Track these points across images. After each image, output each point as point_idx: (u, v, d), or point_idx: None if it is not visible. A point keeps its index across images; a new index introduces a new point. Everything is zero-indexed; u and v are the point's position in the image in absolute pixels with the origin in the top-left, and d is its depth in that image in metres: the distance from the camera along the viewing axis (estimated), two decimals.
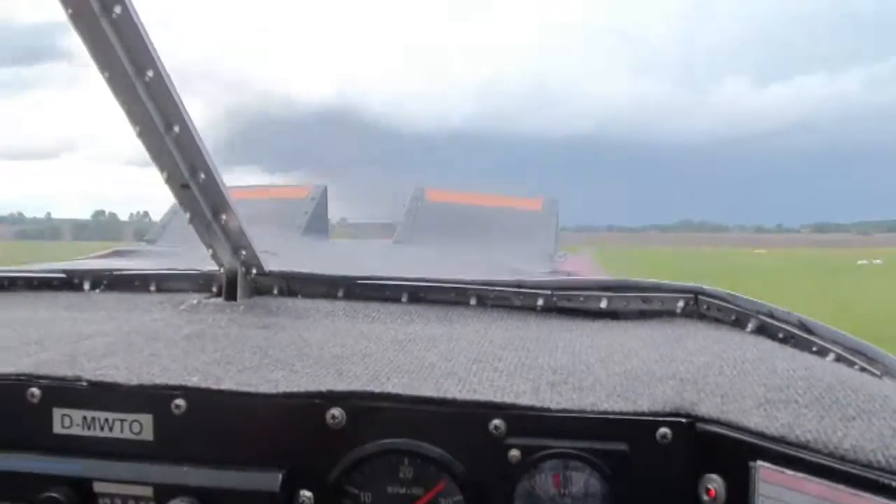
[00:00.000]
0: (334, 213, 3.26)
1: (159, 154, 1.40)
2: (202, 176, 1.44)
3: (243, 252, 1.62)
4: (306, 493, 1.12)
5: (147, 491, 1.12)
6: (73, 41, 1.26)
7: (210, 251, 1.61)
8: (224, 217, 1.52)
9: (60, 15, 1.22)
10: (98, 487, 1.13)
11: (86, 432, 1.15)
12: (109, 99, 1.34)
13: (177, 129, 1.36)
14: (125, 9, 1.22)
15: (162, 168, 1.43)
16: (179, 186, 1.46)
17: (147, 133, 1.37)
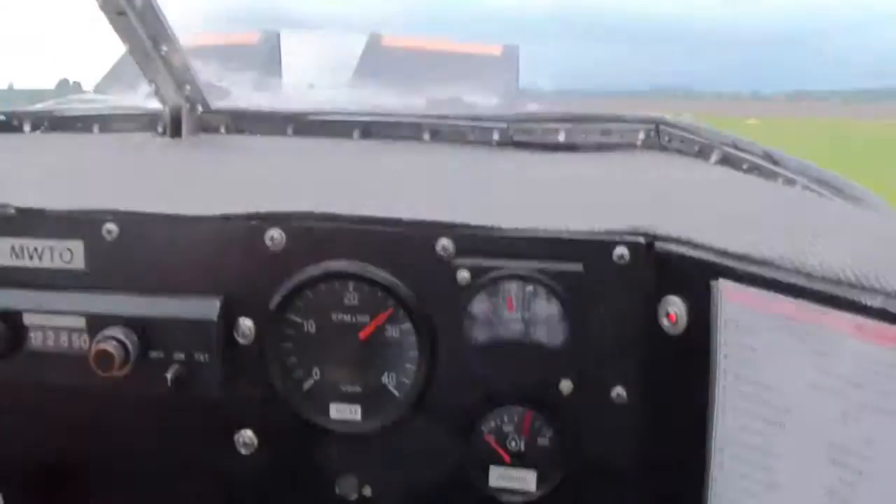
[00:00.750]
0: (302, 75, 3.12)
1: None
2: (138, 2, 1.36)
3: (188, 87, 1.56)
4: (246, 322, 1.09)
5: (79, 322, 1.08)
6: None
7: (153, 86, 1.55)
8: (165, 48, 1.45)
9: None
10: (28, 319, 1.09)
11: (14, 262, 1.10)
12: None
13: None
14: None
15: None
16: (115, 13, 1.37)
17: None
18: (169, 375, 1.07)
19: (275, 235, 1.07)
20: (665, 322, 1.00)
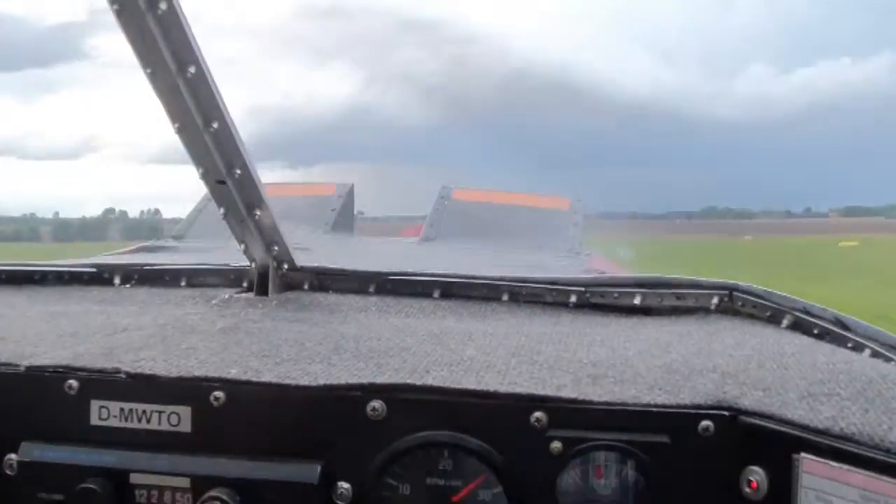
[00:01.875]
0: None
1: (197, 150, 1.41)
2: (238, 172, 1.44)
3: (275, 248, 1.63)
4: (344, 485, 1.12)
5: (184, 482, 1.12)
6: (95, 41, 1.22)
7: (242, 246, 1.62)
8: (258, 213, 1.52)
9: (81, 15, 1.16)
10: (135, 479, 1.13)
11: (123, 424, 1.15)
12: (130, 97, 1.33)
13: (216, 125, 1.37)
14: (171, 5, 1.21)
15: (198, 164, 1.44)
16: (215, 182, 1.46)
17: (186, 129, 1.37)
18: None
19: (376, 406, 1.11)
20: (747, 490, 1.04)
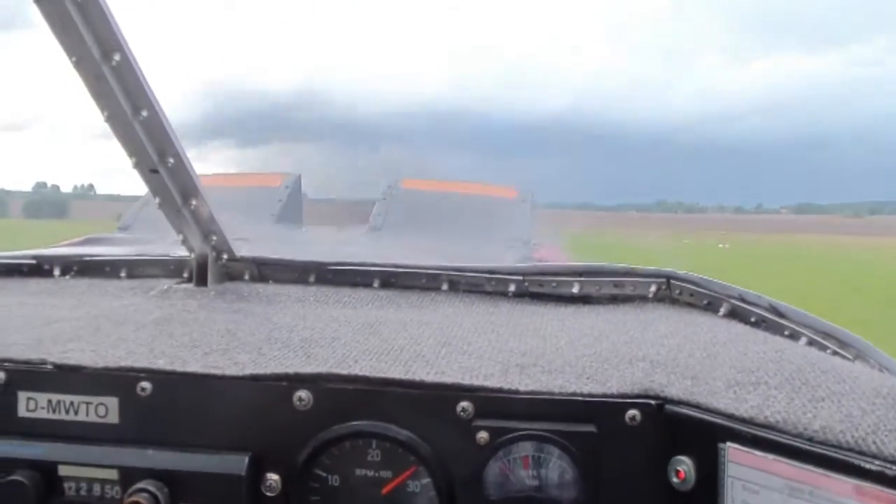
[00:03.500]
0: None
1: (128, 139, 1.40)
2: (171, 161, 1.44)
3: (214, 237, 1.62)
4: (273, 476, 1.12)
5: (112, 474, 1.12)
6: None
7: (180, 237, 1.61)
8: (194, 202, 1.52)
9: None
10: (63, 471, 1.12)
11: (51, 415, 1.15)
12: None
13: (145, 113, 1.36)
14: None
15: (131, 153, 1.43)
16: (148, 171, 1.45)
17: (115, 118, 1.36)
18: None
19: (303, 396, 1.11)
20: (674, 479, 1.05)
